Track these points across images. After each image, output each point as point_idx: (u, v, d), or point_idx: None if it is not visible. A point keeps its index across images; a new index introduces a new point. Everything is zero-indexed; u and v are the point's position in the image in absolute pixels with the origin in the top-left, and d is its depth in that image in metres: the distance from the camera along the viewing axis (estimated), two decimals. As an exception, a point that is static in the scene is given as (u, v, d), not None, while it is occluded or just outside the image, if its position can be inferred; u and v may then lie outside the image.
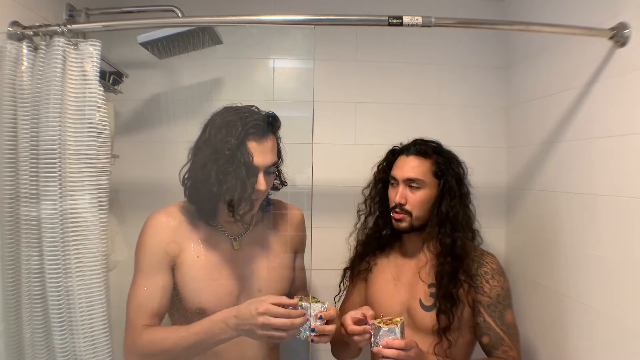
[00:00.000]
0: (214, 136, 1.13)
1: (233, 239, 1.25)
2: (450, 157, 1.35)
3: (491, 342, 1.25)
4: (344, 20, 1.21)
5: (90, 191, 1.10)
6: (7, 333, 1.11)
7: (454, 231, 1.28)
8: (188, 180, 1.19)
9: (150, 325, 1.14)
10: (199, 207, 1.21)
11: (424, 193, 1.29)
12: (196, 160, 1.17)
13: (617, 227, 1.17)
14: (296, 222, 1.37)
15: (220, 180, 1.11)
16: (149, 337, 1.12)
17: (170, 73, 1.71)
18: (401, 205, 1.29)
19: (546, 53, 1.52)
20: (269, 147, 1.17)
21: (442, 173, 1.31)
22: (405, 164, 1.31)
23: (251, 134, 1.13)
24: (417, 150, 1.33)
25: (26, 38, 1.11)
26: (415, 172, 1.29)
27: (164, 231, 1.20)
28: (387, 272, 1.39)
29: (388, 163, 1.40)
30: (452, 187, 1.30)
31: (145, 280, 1.17)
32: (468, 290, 1.27)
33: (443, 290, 1.26)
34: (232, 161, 1.11)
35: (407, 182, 1.30)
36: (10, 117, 1.09)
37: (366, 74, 1.78)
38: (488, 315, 1.25)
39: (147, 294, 1.16)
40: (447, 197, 1.29)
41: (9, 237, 1.10)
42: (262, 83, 1.78)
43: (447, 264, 1.27)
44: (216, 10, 1.68)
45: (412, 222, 1.30)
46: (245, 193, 1.12)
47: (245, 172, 1.11)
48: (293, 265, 1.35)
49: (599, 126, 1.25)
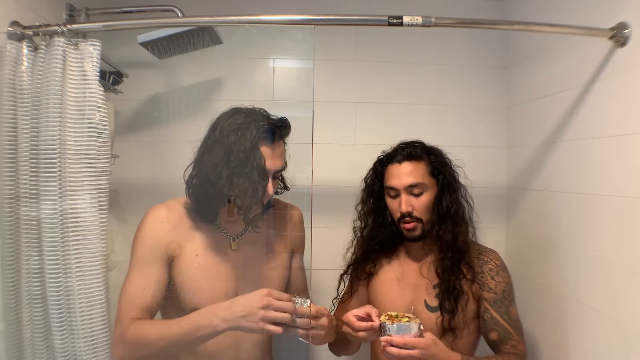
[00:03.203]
0: (226, 137, 1.12)
1: (231, 238, 1.24)
2: (440, 153, 1.35)
3: (500, 338, 1.24)
4: (344, 20, 1.21)
5: (90, 191, 1.10)
6: (7, 333, 1.11)
7: (455, 226, 1.28)
8: (194, 179, 1.18)
9: (140, 319, 1.12)
10: (202, 207, 1.20)
11: (428, 196, 1.28)
12: (205, 161, 1.16)
13: (617, 227, 1.17)
14: (295, 222, 1.36)
15: (232, 182, 1.11)
16: (136, 329, 1.09)
17: (170, 73, 1.71)
18: (410, 214, 1.26)
19: (546, 53, 1.52)
20: (279, 152, 1.18)
21: (438, 171, 1.30)
22: (401, 172, 1.28)
23: (264, 138, 1.13)
24: (407, 154, 1.29)
25: (26, 38, 1.11)
26: (414, 177, 1.27)
27: (164, 226, 1.18)
28: (391, 274, 1.38)
29: (377, 174, 1.36)
30: (450, 182, 1.30)
31: (139, 273, 1.14)
32: (471, 283, 1.27)
33: (445, 283, 1.26)
34: (245, 164, 1.10)
35: (409, 189, 1.27)
36: (10, 117, 1.09)
37: (366, 74, 1.78)
38: (495, 311, 1.25)
39: (140, 288, 1.13)
40: (446, 193, 1.29)
41: (9, 237, 1.10)
42: (262, 83, 1.78)
43: (447, 258, 1.27)
44: (216, 10, 1.68)
45: (424, 227, 1.28)
46: (257, 196, 1.11)
47: (257, 175, 1.11)
48: (291, 265, 1.35)
49: (599, 126, 1.25)
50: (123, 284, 1.15)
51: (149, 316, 1.14)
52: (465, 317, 1.26)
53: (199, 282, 1.17)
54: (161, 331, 1.10)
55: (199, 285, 1.17)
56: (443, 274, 1.27)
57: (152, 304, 1.14)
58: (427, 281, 1.31)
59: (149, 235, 1.17)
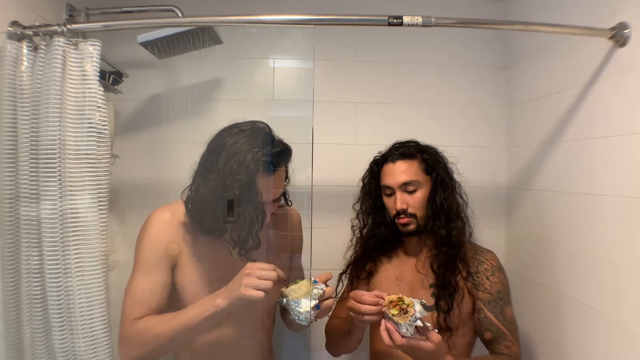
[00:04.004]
0: (222, 166, 1.10)
1: (232, 247, 1.23)
2: (433, 151, 1.37)
3: (494, 338, 1.25)
4: (344, 20, 1.21)
5: (90, 191, 1.10)
6: (7, 333, 1.11)
7: (449, 222, 1.29)
8: (192, 205, 1.16)
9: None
10: (201, 227, 1.19)
11: (422, 193, 1.31)
12: (201, 189, 1.14)
13: (617, 227, 1.17)
14: (294, 223, 1.37)
15: (227, 214, 1.12)
16: (142, 325, 1.11)
17: (170, 73, 1.71)
18: (404, 211, 1.30)
19: (546, 53, 1.52)
20: (279, 179, 1.17)
21: (431, 168, 1.33)
22: (395, 170, 1.32)
23: (263, 170, 1.10)
24: (401, 153, 1.33)
25: (26, 38, 1.11)
26: (408, 175, 1.30)
27: (167, 229, 1.19)
28: (390, 273, 1.40)
29: (373, 174, 1.40)
30: (444, 179, 1.32)
31: (144, 275, 1.15)
32: (466, 278, 1.28)
33: (440, 279, 1.27)
34: (240, 201, 1.10)
35: (403, 187, 1.31)
36: (10, 117, 1.09)
37: (366, 74, 1.78)
38: (489, 311, 1.26)
39: (144, 289, 1.14)
40: (440, 190, 1.31)
41: (9, 237, 1.10)
42: (262, 83, 1.78)
43: (442, 253, 1.29)
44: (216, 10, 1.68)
45: (419, 223, 1.31)
46: (253, 230, 1.12)
47: (254, 210, 1.10)
48: (290, 266, 1.35)
49: (599, 126, 1.25)
50: (127, 285, 1.16)
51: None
52: (462, 314, 1.27)
53: (201, 287, 1.18)
54: (167, 321, 1.10)
55: (200, 290, 1.17)
56: (438, 270, 1.29)
57: (156, 304, 1.15)
58: (424, 279, 1.32)
59: (152, 237, 1.18)
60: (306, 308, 1.11)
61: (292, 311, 1.12)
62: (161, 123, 1.72)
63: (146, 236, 1.18)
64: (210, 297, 1.11)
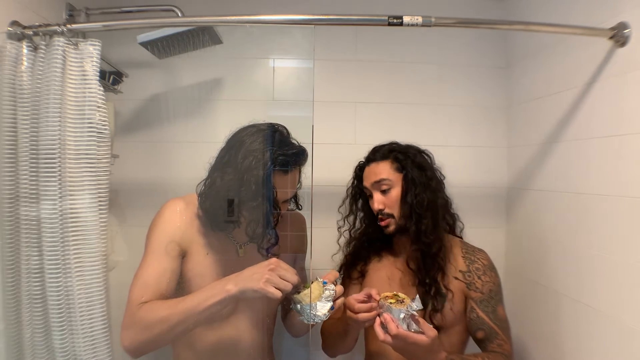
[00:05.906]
0: (240, 163, 1.13)
1: (239, 245, 1.26)
2: (407, 149, 1.37)
3: (486, 337, 1.26)
4: (344, 20, 1.21)
5: (90, 191, 1.10)
6: (7, 333, 1.11)
7: (421, 218, 1.29)
8: (205, 198, 1.19)
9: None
10: (212, 221, 1.20)
11: (395, 191, 1.32)
12: (217, 183, 1.16)
13: (617, 227, 1.17)
14: (298, 226, 1.38)
15: (242, 210, 1.14)
16: (146, 307, 1.09)
17: (170, 73, 1.71)
18: (381, 211, 1.32)
19: (546, 53, 1.52)
20: (293, 179, 1.19)
21: (402, 166, 1.33)
22: (369, 172, 1.35)
23: (279, 168, 1.14)
24: (377, 156, 1.36)
25: (26, 38, 1.11)
26: (377, 174, 1.32)
27: (181, 218, 1.20)
28: (382, 273, 1.40)
29: (358, 178, 1.42)
30: (414, 176, 1.32)
31: (153, 260, 1.15)
32: (454, 279, 1.29)
33: (417, 276, 1.30)
34: (256, 196, 1.12)
35: (376, 186, 1.32)
36: (10, 117, 1.09)
37: (366, 74, 1.78)
38: (481, 310, 1.27)
39: (153, 275, 1.14)
40: (411, 187, 1.31)
41: (9, 237, 1.10)
42: (262, 83, 1.77)
43: (416, 251, 1.30)
44: (216, 10, 1.68)
45: (398, 222, 1.32)
46: (269, 227, 1.14)
47: (269, 206, 1.13)
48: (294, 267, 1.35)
49: (599, 126, 1.25)
50: (137, 270, 1.15)
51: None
52: (454, 312, 1.28)
53: (206, 281, 1.18)
54: (174, 305, 1.09)
55: (205, 284, 1.17)
56: (417, 267, 1.30)
57: (164, 290, 1.14)
58: (410, 278, 1.33)
59: (165, 224, 1.19)
60: (323, 311, 1.11)
61: (307, 316, 1.12)
62: (161, 123, 1.72)
63: (159, 222, 1.19)
64: (221, 282, 1.10)
